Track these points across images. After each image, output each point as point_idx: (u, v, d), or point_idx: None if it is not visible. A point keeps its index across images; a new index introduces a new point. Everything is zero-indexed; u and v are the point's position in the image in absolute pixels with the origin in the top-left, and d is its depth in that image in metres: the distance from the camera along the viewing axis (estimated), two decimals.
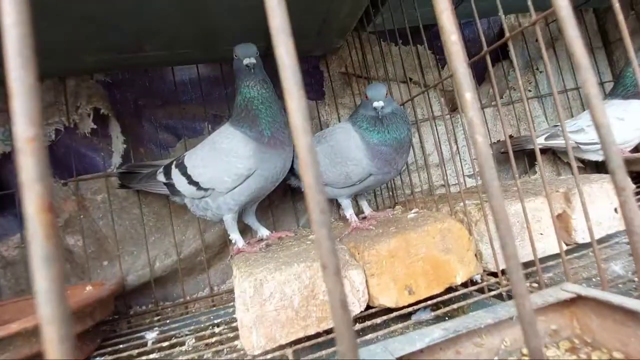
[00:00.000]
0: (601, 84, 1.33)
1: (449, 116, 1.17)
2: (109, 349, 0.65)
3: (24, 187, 0.12)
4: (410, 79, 1.19)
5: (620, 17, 0.40)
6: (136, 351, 0.62)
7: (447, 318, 0.60)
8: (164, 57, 0.89)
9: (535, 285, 0.59)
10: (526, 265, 0.63)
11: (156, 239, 0.93)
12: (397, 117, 0.68)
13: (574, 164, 0.49)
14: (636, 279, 0.54)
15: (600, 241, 0.68)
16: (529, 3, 0.54)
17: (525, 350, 0.35)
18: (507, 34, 0.56)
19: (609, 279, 0.57)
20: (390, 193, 1.08)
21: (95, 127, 0.91)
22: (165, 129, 1.03)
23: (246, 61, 0.65)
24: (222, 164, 0.68)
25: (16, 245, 0.85)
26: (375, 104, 0.66)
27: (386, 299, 0.56)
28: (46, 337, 0.12)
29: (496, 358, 0.34)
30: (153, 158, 0.98)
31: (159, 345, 0.64)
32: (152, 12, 0.68)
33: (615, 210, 0.71)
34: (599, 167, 1.20)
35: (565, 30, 0.16)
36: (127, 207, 0.93)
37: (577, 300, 0.36)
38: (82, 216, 0.88)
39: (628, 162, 1.01)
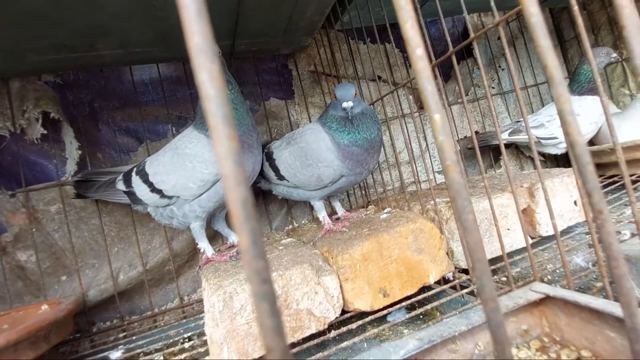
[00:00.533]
0: (566, 79, 1.40)
1: (417, 114, 1.19)
2: None
3: None
4: (379, 77, 1.19)
5: (579, 19, 0.41)
6: None
7: (421, 316, 0.61)
8: (120, 56, 0.83)
9: (504, 279, 0.60)
10: (495, 260, 0.65)
11: (119, 250, 0.88)
12: (367, 117, 0.68)
13: (537, 161, 0.50)
14: (596, 270, 0.57)
15: (562, 233, 0.71)
16: (492, 4, 0.55)
17: None
18: (472, 35, 0.56)
19: (572, 270, 0.60)
20: (363, 192, 1.08)
21: (45, 132, 0.84)
22: (125, 132, 0.97)
23: None
24: (186, 169, 0.65)
25: None
26: (344, 104, 0.65)
27: (361, 303, 0.55)
28: None
29: None
30: (113, 164, 0.92)
31: None
32: (105, 8, 0.64)
33: (575, 202, 0.74)
34: (558, 160, 1.26)
35: (536, 39, 0.16)
36: (86, 218, 0.87)
37: (546, 299, 0.36)
38: (34, 229, 0.82)
39: None
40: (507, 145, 1.25)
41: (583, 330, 0.34)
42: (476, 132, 1.24)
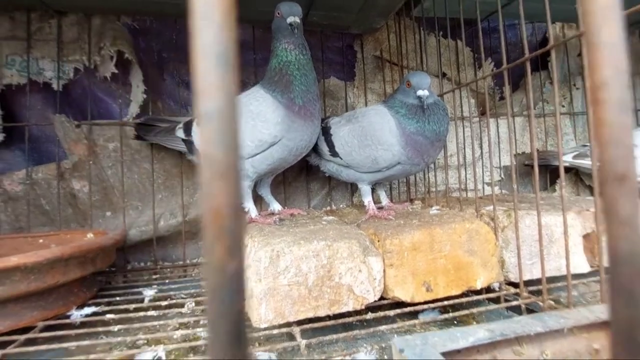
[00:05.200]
0: (637, 111, 1.29)
1: (477, 119, 1.13)
2: (106, 299, 0.63)
3: None
4: (444, 75, 1.14)
5: None
6: (133, 306, 0.60)
7: (455, 322, 0.58)
8: None
9: (551, 302, 0.56)
10: (547, 280, 0.60)
11: (163, 197, 0.91)
12: (439, 109, 0.65)
13: (597, 187, 0.46)
14: None
15: None
16: (579, 12, 0.50)
17: None
18: (552, 42, 0.52)
19: None
20: (407, 188, 1.05)
21: (116, 72, 0.87)
22: (186, 86, 0.99)
23: (290, 19, 0.61)
24: (247, 127, 0.65)
25: (20, 181, 0.83)
26: (420, 92, 0.62)
27: (402, 292, 0.53)
28: None
29: None
30: (171, 114, 0.95)
31: (156, 303, 0.61)
32: None
33: None
34: None
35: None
36: (138, 160, 0.90)
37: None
38: (91, 162, 0.85)
39: None
40: (567, 170, 1.17)
41: None
42: (537, 150, 1.17)
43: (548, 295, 0.57)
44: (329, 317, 0.50)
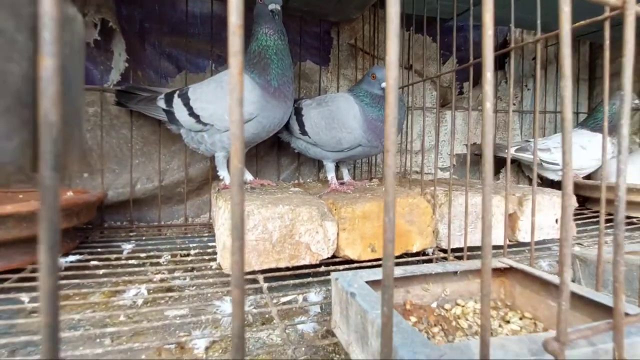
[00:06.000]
0: (576, 113, 1.45)
1: (436, 110, 1.24)
2: (87, 250, 0.69)
3: None
4: (411, 66, 1.24)
5: (607, 59, 0.46)
6: (114, 256, 0.67)
7: None
8: None
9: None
10: (471, 249, 0.73)
11: (140, 162, 0.96)
12: (398, 100, 0.74)
13: (535, 177, 0.58)
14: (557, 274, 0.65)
15: (537, 243, 0.79)
16: (538, 21, 0.60)
17: (459, 301, 0.43)
18: (512, 45, 0.62)
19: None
20: (368, 168, 1.15)
21: (98, 38, 0.90)
22: (167, 57, 1.02)
23: (271, 6, 0.68)
24: (225, 102, 0.71)
25: None
26: (385, 84, 0.71)
27: (351, 252, 0.63)
28: None
29: (436, 303, 0.43)
30: (150, 83, 0.98)
31: (135, 255, 0.69)
32: None
33: (556, 221, 0.82)
34: (553, 185, 1.33)
35: (562, 67, 0.22)
36: (117, 126, 0.94)
37: (509, 271, 0.44)
38: None
39: (578, 186, 1.14)
40: (511, 161, 1.32)
41: (531, 299, 0.42)
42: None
43: (468, 260, 0.69)
44: (288, 269, 0.59)
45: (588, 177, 1.23)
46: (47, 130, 0.11)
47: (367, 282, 0.37)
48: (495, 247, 0.76)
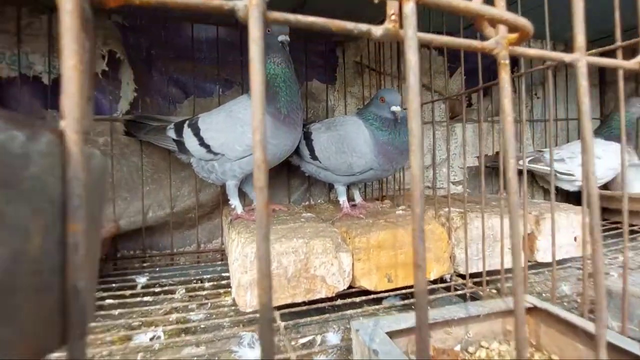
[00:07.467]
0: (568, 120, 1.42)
1: (445, 123, 1.23)
2: (102, 286, 0.69)
3: None
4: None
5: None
6: (128, 292, 0.66)
7: (413, 306, 0.68)
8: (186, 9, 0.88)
9: (495, 291, 0.67)
10: (489, 273, 0.71)
11: (151, 190, 0.96)
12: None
13: (553, 193, 0.57)
14: (579, 300, 0.63)
15: (557, 263, 0.77)
16: (548, 48, 0.59)
17: (483, 342, 0.42)
18: (522, 70, 0.62)
19: (557, 296, 0.67)
20: (380, 186, 1.14)
21: (106, 69, 0.91)
22: (175, 83, 1.03)
23: (281, 37, 0.68)
24: (236, 132, 0.71)
25: None
26: (394, 108, 0.70)
27: (367, 282, 0.62)
28: None
29: (459, 346, 0.42)
30: (158, 111, 0.99)
31: (150, 289, 0.68)
32: None
33: (575, 239, 0.80)
34: (569, 196, 1.31)
35: (580, 96, 0.22)
36: (127, 154, 0.94)
37: (533, 309, 0.43)
38: None
39: None
40: (523, 172, 1.30)
41: (557, 340, 0.41)
42: (497, 153, 1.29)
43: (488, 286, 0.68)
44: (304, 303, 0.58)
45: (604, 187, 1.21)
46: (74, 296, 0.10)
47: (388, 332, 0.36)
48: (510, 270, 0.74)
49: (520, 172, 0.64)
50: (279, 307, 0.57)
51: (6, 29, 0.85)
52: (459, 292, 0.66)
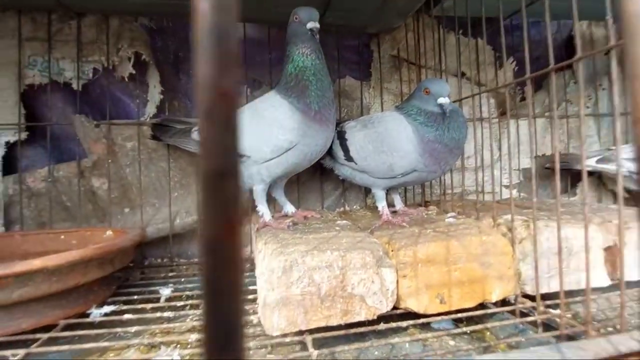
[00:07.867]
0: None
1: (496, 120, 1.10)
2: (124, 297, 0.64)
3: None
4: (463, 74, 1.11)
5: None
6: (150, 305, 0.61)
7: (469, 332, 0.57)
8: None
9: (569, 315, 0.55)
10: (565, 294, 0.59)
11: (179, 195, 0.92)
12: (458, 116, 0.64)
13: (620, 197, 0.45)
14: None
15: None
16: (609, 24, 0.47)
17: None
18: (579, 54, 0.50)
19: None
20: (422, 190, 1.03)
21: (133, 72, 0.88)
22: None
23: (310, 25, 0.61)
24: (263, 132, 0.65)
25: (43, 178, 0.85)
26: (442, 100, 0.61)
27: (415, 304, 0.53)
28: None
29: None
30: (186, 113, 0.95)
31: (173, 303, 0.63)
32: None
33: None
34: None
35: None
36: (155, 159, 0.91)
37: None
38: (110, 160, 0.87)
39: None
40: (590, 174, 1.14)
41: None
42: (559, 154, 1.14)
43: (566, 310, 0.56)
44: (341, 326, 0.50)
45: None
46: None
47: None
48: (594, 290, 0.61)
49: (588, 173, 0.53)
50: (312, 331, 0.49)
51: (38, 36, 0.85)
52: (528, 319, 0.55)
